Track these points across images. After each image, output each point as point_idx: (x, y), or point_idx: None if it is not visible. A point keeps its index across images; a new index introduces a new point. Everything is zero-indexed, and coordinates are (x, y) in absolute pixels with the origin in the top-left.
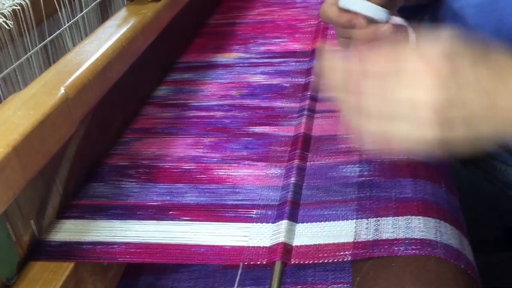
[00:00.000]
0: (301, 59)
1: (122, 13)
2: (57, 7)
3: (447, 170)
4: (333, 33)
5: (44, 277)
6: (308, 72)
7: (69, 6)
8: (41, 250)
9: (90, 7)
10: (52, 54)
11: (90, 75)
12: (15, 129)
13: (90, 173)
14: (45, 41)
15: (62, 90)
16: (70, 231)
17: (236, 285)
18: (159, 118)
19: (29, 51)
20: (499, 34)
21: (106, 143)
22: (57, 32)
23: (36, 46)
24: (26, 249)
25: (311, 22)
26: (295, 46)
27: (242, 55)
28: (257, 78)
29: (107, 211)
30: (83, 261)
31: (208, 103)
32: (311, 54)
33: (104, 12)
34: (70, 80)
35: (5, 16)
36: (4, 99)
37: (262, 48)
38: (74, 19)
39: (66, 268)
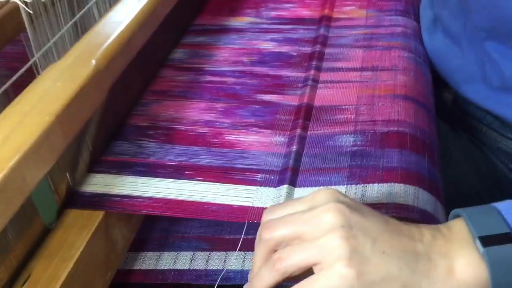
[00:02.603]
0: (309, 27)
1: None
2: None
3: (433, 142)
4: (341, 1)
5: (79, 223)
6: (314, 41)
7: None
8: (75, 200)
9: None
10: (80, 22)
11: (118, 46)
12: (56, 100)
13: (115, 132)
14: (76, 17)
15: (93, 62)
16: (99, 184)
17: (243, 233)
18: (176, 81)
19: (61, 21)
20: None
21: (128, 104)
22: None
23: (66, 15)
24: (63, 199)
25: None
26: (304, 12)
27: (254, 19)
28: (267, 45)
29: (131, 167)
30: (111, 211)
31: (220, 69)
32: (318, 22)
33: None
34: (99, 52)
35: None
36: (40, 67)
37: (273, 13)
38: None
39: (97, 216)
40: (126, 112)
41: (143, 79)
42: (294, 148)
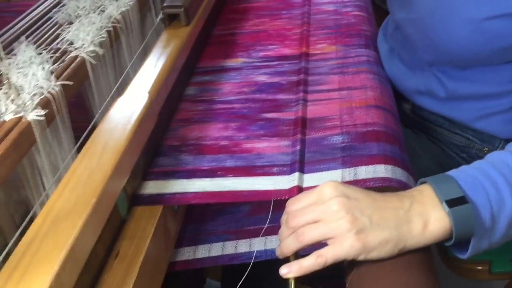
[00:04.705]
0: (292, 62)
1: (164, 36)
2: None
3: (400, 136)
4: (314, 40)
5: (146, 215)
6: (298, 71)
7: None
8: (138, 199)
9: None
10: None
11: (160, 81)
12: (129, 124)
13: (156, 152)
14: (120, 80)
15: (147, 94)
16: (154, 187)
17: (267, 222)
18: (194, 111)
19: (109, 69)
20: (426, 41)
21: (162, 130)
22: (128, 67)
23: (112, 64)
24: (130, 199)
25: (296, 31)
26: (286, 51)
27: (246, 60)
28: (261, 78)
29: (175, 174)
30: (168, 204)
31: (228, 98)
32: (299, 58)
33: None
34: (150, 86)
35: (101, 45)
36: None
37: (261, 54)
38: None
39: (158, 209)
40: (161, 137)
41: (169, 111)
42: (298, 147)
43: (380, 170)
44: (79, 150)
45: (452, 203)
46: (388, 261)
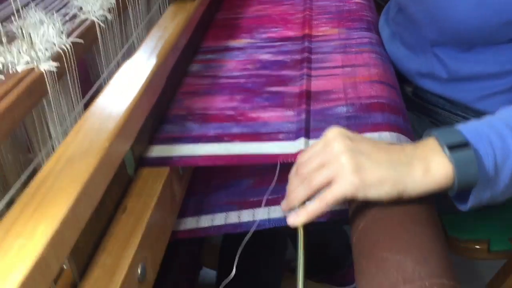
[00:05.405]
0: (295, 42)
1: (171, 9)
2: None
3: (403, 108)
4: (316, 23)
5: (153, 174)
6: (302, 51)
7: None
8: (145, 161)
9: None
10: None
11: (168, 47)
12: (139, 82)
13: (162, 120)
14: (128, 43)
15: (156, 57)
16: (160, 151)
17: (272, 186)
18: (199, 84)
19: (118, 34)
20: (430, 19)
21: (167, 101)
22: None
23: (118, 31)
24: (137, 161)
25: (298, 16)
26: (289, 33)
27: (250, 40)
28: (265, 56)
29: (181, 139)
30: (175, 165)
31: (232, 74)
32: (302, 39)
33: None
34: (158, 50)
35: (109, 11)
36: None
37: (264, 35)
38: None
39: (165, 171)
40: (166, 107)
41: (174, 85)
42: (303, 117)
43: (386, 137)
44: (85, 108)
45: (453, 147)
46: (395, 214)
